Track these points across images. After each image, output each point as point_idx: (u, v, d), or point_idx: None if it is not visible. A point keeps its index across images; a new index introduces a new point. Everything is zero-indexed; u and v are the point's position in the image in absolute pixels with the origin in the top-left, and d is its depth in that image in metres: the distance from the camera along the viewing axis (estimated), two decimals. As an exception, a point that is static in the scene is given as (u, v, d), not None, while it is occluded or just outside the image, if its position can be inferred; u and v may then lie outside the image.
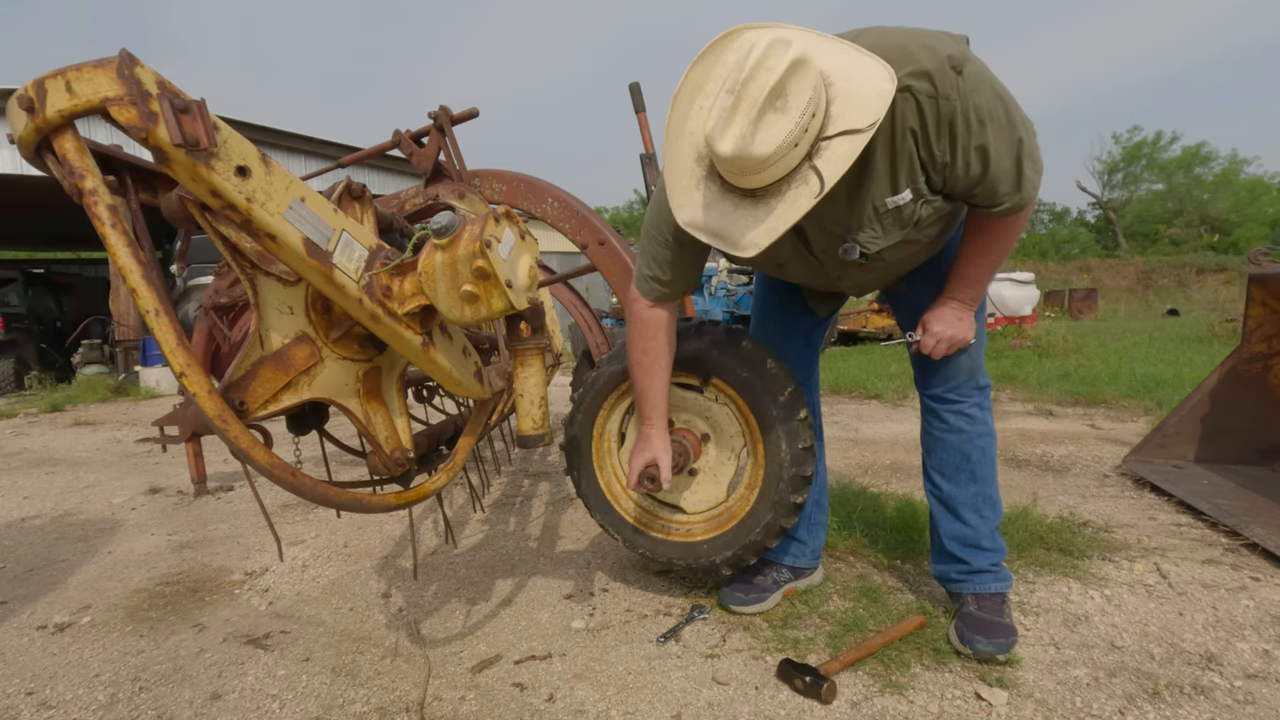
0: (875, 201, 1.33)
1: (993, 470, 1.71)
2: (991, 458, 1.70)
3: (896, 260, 1.48)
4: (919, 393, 1.76)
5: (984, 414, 1.69)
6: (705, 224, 1.26)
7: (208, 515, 2.96)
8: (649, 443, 1.64)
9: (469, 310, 1.16)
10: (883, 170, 1.30)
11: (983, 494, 1.70)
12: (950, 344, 1.56)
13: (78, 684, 1.61)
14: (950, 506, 1.72)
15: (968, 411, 1.68)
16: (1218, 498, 2.45)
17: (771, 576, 1.87)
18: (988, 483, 1.70)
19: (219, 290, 1.53)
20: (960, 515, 1.70)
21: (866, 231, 1.37)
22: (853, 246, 1.39)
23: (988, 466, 1.70)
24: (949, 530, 1.72)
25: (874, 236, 1.38)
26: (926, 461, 1.77)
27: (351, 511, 1.27)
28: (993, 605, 1.64)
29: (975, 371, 1.69)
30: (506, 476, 3.43)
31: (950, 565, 1.73)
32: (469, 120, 2.21)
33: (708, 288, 9.54)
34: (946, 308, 1.56)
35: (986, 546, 1.69)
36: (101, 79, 0.85)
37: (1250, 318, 2.79)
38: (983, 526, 1.69)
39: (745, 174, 1.16)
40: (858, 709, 1.39)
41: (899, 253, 1.45)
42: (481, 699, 1.49)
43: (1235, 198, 30.40)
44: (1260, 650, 1.56)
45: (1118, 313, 15.61)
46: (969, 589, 1.69)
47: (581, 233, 2.17)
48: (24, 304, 9.97)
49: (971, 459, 1.69)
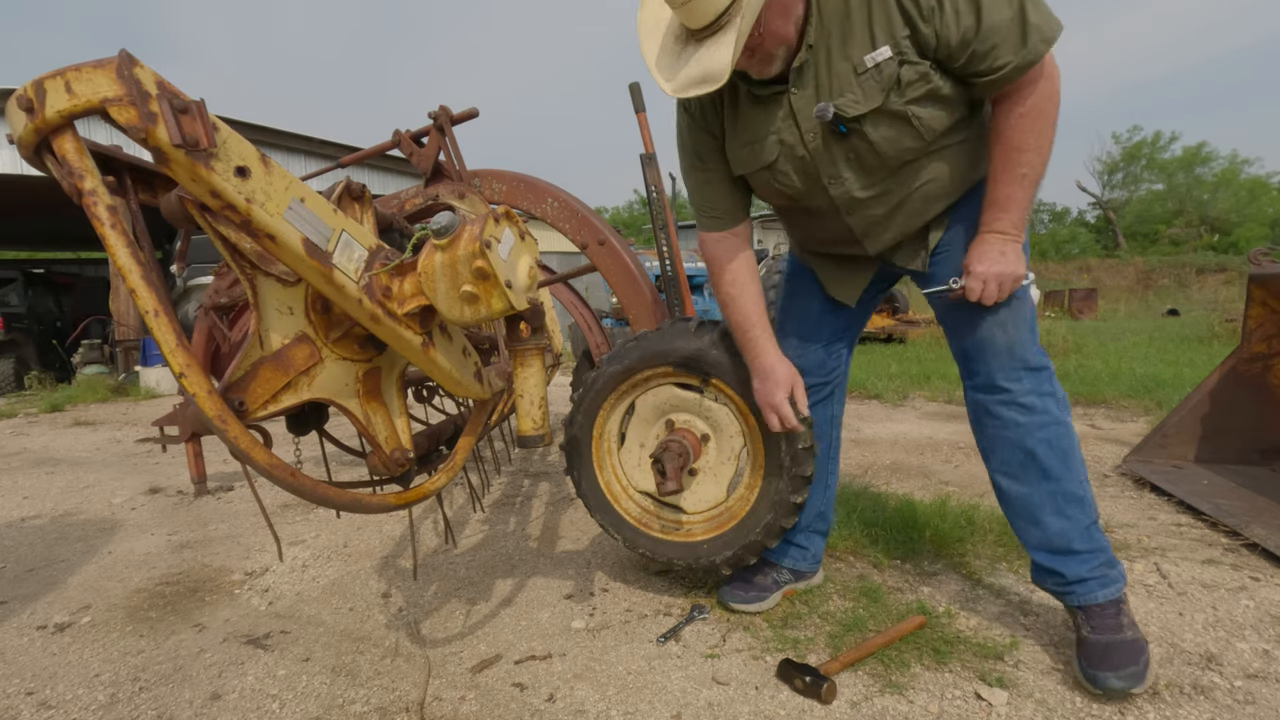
0: (854, 61, 1.29)
1: (1071, 461, 1.47)
2: (1065, 448, 1.46)
3: (889, 150, 1.36)
4: (964, 386, 1.57)
5: (1043, 400, 1.45)
6: (675, 74, 1.30)
7: (208, 515, 2.96)
8: (773, 372, 1.53)
9: (469, 310, 1.16)
10: (860, 25, 1.27)
11: (1061, 491, 1.47)
12: (999, 282, 1.36)
13: (78, 684, 1.61)
14: (1025, 511, 1.51)
15: (1021, 400, 1.45)
16: (1218, 498, 2.44)
17: (772, 576, 1.86)
18: (1066, 477, 1.47)
19: (219, 290, 1.53)
20: (1039, 519, 1.49)
21: (847, 96, 1.32)
22: (827, 106, 1.32)
23: (1062, 458, 1.46)
24: (1031, 539, 1.52)
25: (853, 100, 1.32)
26: (988, 466, 1.57)
27: (351, 512, 1.26)
28: (1106, 619, 1.44)
29: (1018, 348, 1.45)
30: (506, 476, 3.43)
31: (1046, 578, 1.54)
32: (469, 120, 2.21)
33: (707, 288, 9.55)
34: (984, 244, 1.37)
35: (1081, 549, 1.47)
36: (101, 79, 0.85)
37: (1250, 318, 2.79)
38: (1070, 528, 1.47)
39: (689, 11, 1.22)
40: (858, 709, 1.39)
41: (886, 132, 1.34)
42: (481, 699, 1.49)
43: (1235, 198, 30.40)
44: (1260, 650, 1.56)
45: (1118, 313, 15.60)
46: (1074, 602, 1.50)
47: (581, 233, 2.18)
48: (24, 304, 9.97)
49: (1037, 454, 1.46)
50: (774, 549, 1.84)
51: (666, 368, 1.76)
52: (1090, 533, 1.48)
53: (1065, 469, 1.47)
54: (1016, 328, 1.44)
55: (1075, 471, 1.48)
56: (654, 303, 2.13)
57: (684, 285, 2.46)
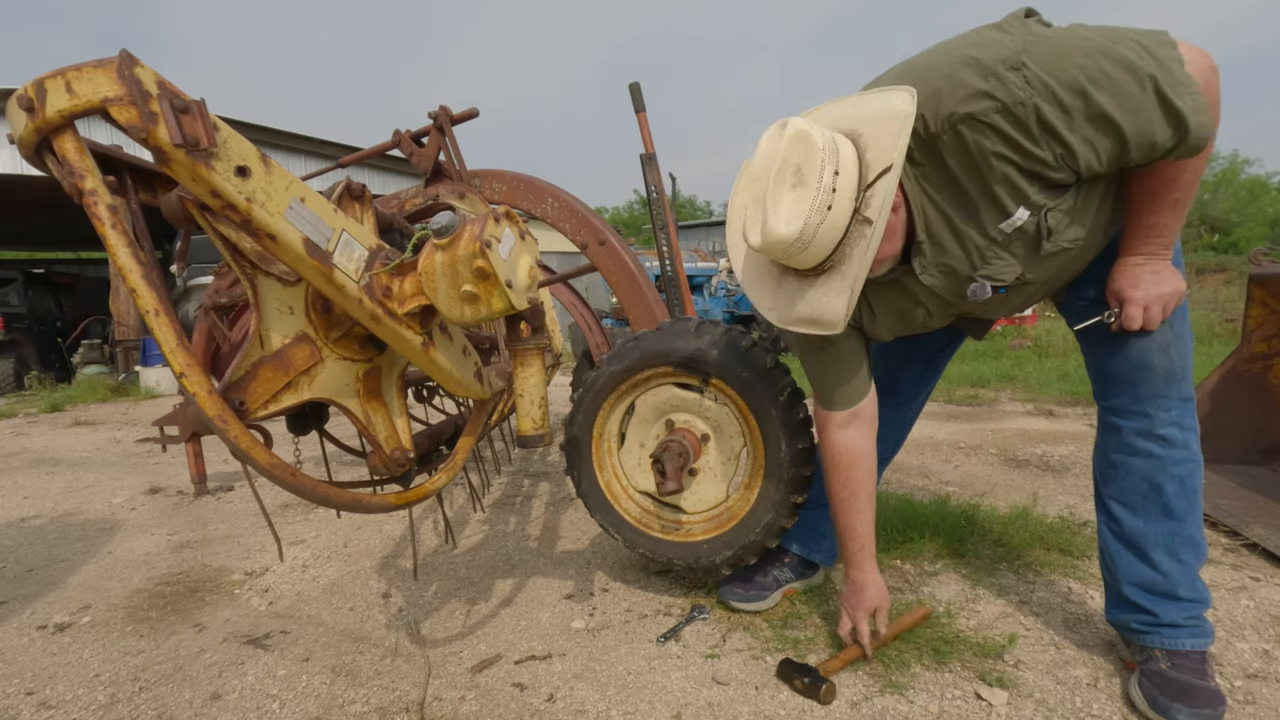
0: (989, 232, 1.22)
1: (1197, 502, 1.37)
2: (1194, 489, 1.36)
3: (1055, 273, 1.31)
4: (1097, 404, 1.46)
5: (1185, 435, 1.34)
6: (795, 314, 1.26)
7: (208, 515, 2.96)
8: (864, 589, 1.53)
9: (469, 310, 1.16)
10: (980, 199, 1.19)
11: (1181, 533, 1.37)
12: (1163, 303, 1.26)
13: (78, 684, 1.61)
14: (1135, 546, 1.41)
15: (1161, 432, 1.34)
16: (1218, 498, 2.44)
17: (773, 575, 1.85)
18: (1189, 519, 1.37)
19: (219, 290, 1.53)
20: (1149, 557, 1.39)
21: (994, 264, 1.25)
22: (982, 285, 1.26)
23: (1189, 499, 1.36)
24: (1132, 574, 1.42)
25: (1007, 265, 1.25)
26: (1101, 488, 1.47)
27: (351, 511, 1.26)
28: (1191, 665, 1.36)
29: (1176, 377, 1.33)
30: (506, 476, 3.43)
31: (1131, 614, 1.44)
32: (469, 120, 2.21)
33: (707, 288, 9.55)
34: (1134, 267, 1.27)
35: (1184, 596, 1.38)
36: (101, 79, 0.85)
37: (1250, 318, 2.79)
38: (1180, 573, 1.38)
39: (794, 257, 1.16)
40: (858, 709, 1.39)
41: (1049, 268, 1.28)
42: (481, 699, 1.49)
43: (1235, 198, 30.40)
44: (1260, 650, 1.56)
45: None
46: (1156, 643, 1.40)
47: (581, 233, 2.18)
48: (24, 304, 9.97)
49: (1165, 491, 1.36)
50: (792, 529, 1.79)
51: (666, 368, 1.76)
52: (1196, 583, 1.40)
53: (1190, 510, 1.37)
54: (1181, 354, 1.33)
55: (1198, 514, 1.38)
56: (654, 303, 2.13)
57: (684, 285, 2.47)
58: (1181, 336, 1.33)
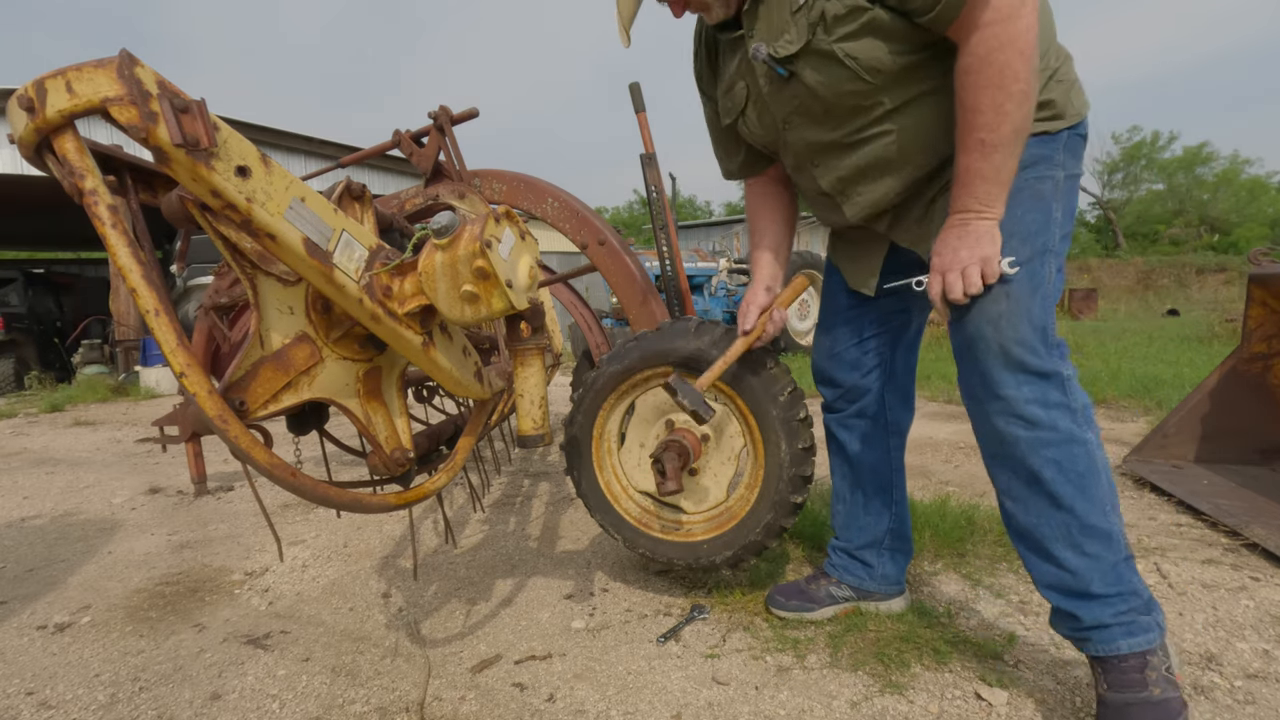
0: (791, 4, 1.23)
1: (1090, 487, 1.22)
2: (1080, 471, 1.21)
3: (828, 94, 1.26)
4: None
5: (1050, 413, 1.20)
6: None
7: (208, 515, 2.96)
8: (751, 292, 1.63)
9: (469, 310, 1.16)
10: None
11: (1078, 523, 1.23)
12: (962, 271, 1.17)
13: (78, 684, 1.61)
14: (1035, 544, 1.28)
15: (1021, 412, 1.21)
16: (1218, 498, 2.45)
17: (826, 590, 1.76)
18: (1082, 507, 1.22)
19: (219, 290, 1.53)
20: (1052, 555, 1.26)
21: (783, 37, 1.25)
22: (760, 47, 1.28)
23: (1076, 484, 1.21)
24: (1041, 575, 1.30)
25: (788, 41, 1.25)
26: (995, 489, 1.35)
27: (351, 511, 1.26)
28: (1128, 675, 1.21)
29: (1015, 349, 1.19)
30: (506, 476, 3.43)
31: (1059, 623, 1.32)
32: (469, 120, 2.21)
33: (707, 288, 9.55)
34: (945, 230, 1.21)
35: (1101, 593, 1.23)
36: (101, 79, 0.85)
37: (1250, 318, 2.79)
38: (1089, 568, 1.23)
39: None
40: (858, 709, 1.39)
41: (820, 75, 1.24)
42: (481, 699, 1.49)
43: (1235, 198, 30.42)
44: (1260, 650, 1.56)
45: (1118, 313, 15.59)
46: (1091, 651, 1.27)
47: (581, 233, 2.18)
48: (24, 304, 9.98)
49: (1043, 478, 1.22)
50: (835, 560, 1.78)
51: (666, 368, 1.76)
52: (1118, 572, 1.23)
53: (1082, 497, 1.22)
54: (1014, 324, 1.18)
55: (1097, 500, 1.22)
56: (654, 303, 2.13)
57: (684, 285, 2.46)
58: (1017, 303, 1.18)
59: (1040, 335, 1.20)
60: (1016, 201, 1.21)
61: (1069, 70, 1.29)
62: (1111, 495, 1.25)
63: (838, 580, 1.77)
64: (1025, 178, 1.23)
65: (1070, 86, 1.28)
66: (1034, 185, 1.24)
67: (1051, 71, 1.25)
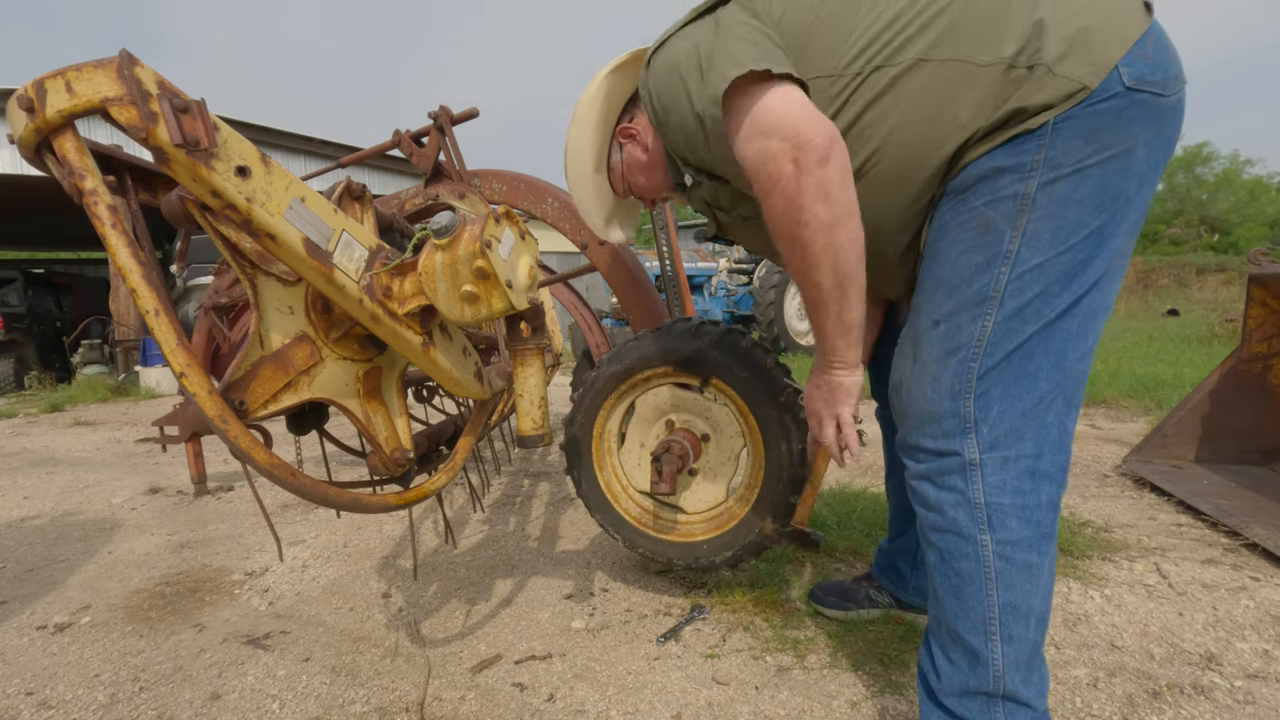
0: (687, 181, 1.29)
1: (964, 595, 1.01)
2: (960, 573, 1.01)
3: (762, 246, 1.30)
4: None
5: (941, 497, 1.02)
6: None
7: (208, 515, 2.96)
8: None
9: (469, 310, 1.16)
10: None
11: (946, 625, 1.05)
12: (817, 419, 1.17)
13: (78, 684, 1.61)
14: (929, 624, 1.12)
15: (913, 485, 1.07)
16: (1218, 498, 2.45)
17: (866, 592, 1.74)
18: (949, 611, 1.03)
19: (219, 290, 1.53)
20: (928, 641, 1.11)
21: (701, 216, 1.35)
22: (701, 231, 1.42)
23: (951, 584, 1.02)
24: (919, 660, 1.14)
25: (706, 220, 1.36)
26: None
27: (351, 511, 1.26)
28: None
29: (912, 415, 1.05)
30: (506, 476, 3.43)
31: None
32: (469, 120, 2.21)
33: (707, 288, 9.56)
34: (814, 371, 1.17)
35: (946, 705, 1.06)
36: (101, 79, 0.85)
37: (1250, 318, 2.79)
38: (950, 677, 1.05)
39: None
40: (858, 709, 1.39)
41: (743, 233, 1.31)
42: (481, 699, 1.49)
43: (1235, 198, 30.43)
44: (1260, 650, 1.56)
45: (1117, 312, 15.60)
46: None
47: (581, 233, 2.17)
48: (24, 304, 9.99)
49: (930, 561, 1.06)
50: (879, 559, 1.76)
51: (666, 368, 1.76)
52: (965, 702, 1.03)
53: (954, 600, 1.02)
54: (914, 391, 1.04)
55: (971, 611, 1.01)
56: (654, 303, 2.13)
57: (684, 285, 2.46)
58: (928, 371, 1.01)
59: (949, 404, 0.99)
60: (949, 239, 0.99)
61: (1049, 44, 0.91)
62: (1007, 616, 0.99)
63: (880, 585, 1.75)
64: (969, 205, 0.97)
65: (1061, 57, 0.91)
66: (980, 214, 0.96)
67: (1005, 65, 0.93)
